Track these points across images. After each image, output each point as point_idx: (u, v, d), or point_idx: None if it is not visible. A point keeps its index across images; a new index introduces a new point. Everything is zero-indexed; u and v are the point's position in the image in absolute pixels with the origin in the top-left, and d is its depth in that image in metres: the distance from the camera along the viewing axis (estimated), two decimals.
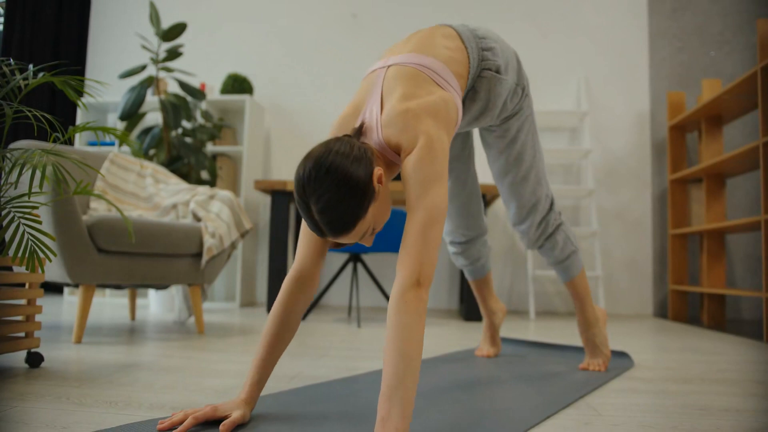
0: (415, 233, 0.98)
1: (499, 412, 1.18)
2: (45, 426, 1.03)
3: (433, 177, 1.01)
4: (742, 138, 3.83)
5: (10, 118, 1.49)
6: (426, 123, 1.05)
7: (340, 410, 1.17)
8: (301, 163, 1.00)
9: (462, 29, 1.32)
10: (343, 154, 0.97)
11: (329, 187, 0.95)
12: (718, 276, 3.26)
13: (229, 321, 2.91)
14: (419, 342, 0.93)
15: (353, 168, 0.97)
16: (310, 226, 1.00)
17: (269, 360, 1.12)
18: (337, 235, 0.99)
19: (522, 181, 1.53)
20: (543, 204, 1.58)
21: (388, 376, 0.90)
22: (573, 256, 1.67)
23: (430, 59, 1.18)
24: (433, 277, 0.99)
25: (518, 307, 3.97)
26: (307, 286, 1.14)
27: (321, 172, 0.95)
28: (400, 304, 0.94)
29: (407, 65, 1.16)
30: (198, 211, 2.46)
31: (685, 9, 3.98)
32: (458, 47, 1.27)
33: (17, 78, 1.53)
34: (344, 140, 1.02)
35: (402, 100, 1.09)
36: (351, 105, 1.18)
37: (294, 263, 1.16)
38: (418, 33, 1.29)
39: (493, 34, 1.37)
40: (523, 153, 1.49)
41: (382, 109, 1.11)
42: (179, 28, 3.30)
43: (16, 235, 1.38)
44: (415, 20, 4.20)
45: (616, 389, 1.47)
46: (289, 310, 1.13)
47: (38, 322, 1.59)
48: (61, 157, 1.45)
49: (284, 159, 4.28)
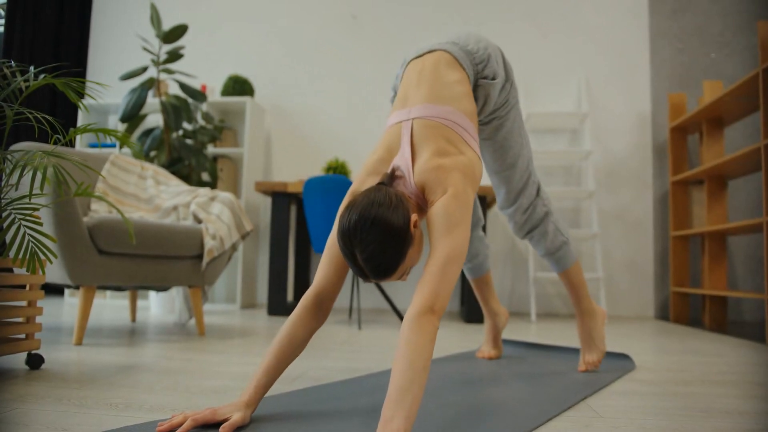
0: (436, 266, 1.06)
1: (499, 413, 1.18)
2: (45, 428, 1.03)
3: (458, 221, 1.11)
4: (744, 140, 3.83)
5: (10, 120, 1.49)
6: (456, 177, 1.16)
7: (341, 412, 1.17)
8: (344, 213, 1.08)
9: (457, 53, 1.38)
10: (384, 205, 1.06)
11: (374, 238, 1.04)
12: (720, 278, 3.26)
13: (230, 323, 2.91)
14: (427, 360, 0.97)
15: (393, 218, 1.06)
16: (355, 271, 1.09)
17: (276, 368, 1.13)
18: (380, 279, 1.09)
19: (510, 167, 1.58)
20: (530, 189, 1.63)
21: (395, 383, 0.93)
22: (565, 247, 1.69)
23: (450, 109, 1.26)
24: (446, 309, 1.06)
25: (519, 309, 3.97)
26: (324, 307, 1.20)
27: (366, 224, 1.04)
28: (414, 324, 1.00)
29: (432, 119, 1.24)
30: (199, 213, 2.46)
31: (685, 10, 3.98)
32: (462, 77, 1.35)
33: (18, 80, 1.53)
34: (382, 190, 1.10)
35: (435, 156, 1.19)
36: (381, 151, 1.26)
37: (314, 282, 1.21)
38: (425, 72, 1.34)
39: (478, 39, 1.43)
40: (510, 139, 1.55)
41: (414, 158, 1.21)
42: (180, 29, 3.30)
43: (16, 237, 1.38)
44: (415, 20, 4.20)
45: (617, 391, 1.47)
46: (302, 327, 1.17)
47: (39, 323, 1.59)
48: (61, 158, 1.45)
49: (285, 160, 4.28)
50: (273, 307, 3.34)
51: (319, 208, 2.91)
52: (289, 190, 3.36)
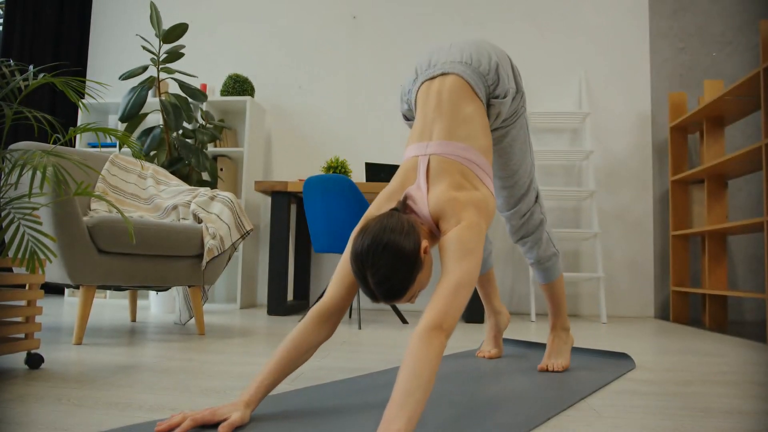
0: (448, 288, 1.08)
1: (499, 412, 1.18)
2: (45, 427, 1.03)
3: (471, 250, 1.14)
4: (744, 139, 3.82)
5: (10, 119, 1.49)
6: (470, 211, 1.20)
7: (341, 411, 1.17)
8: (358, 236, 1.12)
9: (471, 78, 1.39)
10: (396, 231, 1.10)
11: (385, 263, 1.08)
12: (720, 277, 3.25)
13: (230, 322, 2.91)
14: (432, 372, 0.97)
15: (405, 243, 1.09)
16: (366, 292, 1.13)
17: (279, 370, 1.13)
18: (389, 301, 1.13)
19: (513, 173, 1.61)
20: (530, 195, 1.65)
21: (399, 387, 0.94)
22: (554, 258, 1.72)
23: (466, 146, 1.29)
24: (454, 330, 1.08)
25: (519, 309, 3.97)
26: (331, 321, 1.21)
27: (378, 249, 1.08)
28: (423, 338, 1.01)
29: (449, 157, 1.27)
30: (199, 213, 2.46)
31: (686, 9, 3.98)
32: (477, 107, 1.37)
33: (17, 79, 1.53)
34: (395, 216, 1.14)
35: (450, 188, 1.23)
36: (399, 180, 1.30)
37: (325, 295, 1.23)
38: (443, 105, 1.35)
39: (488, 55, 1.42)
40: (515, 146, 1.57)
41: (429, 187, 1.25)
42: (180, 29, 3.30)
43: (16, 236, 1.38)
44: (415, 20, 4.20)
45: (618, 391, 1.47)
46: (308, 336, 1.18)
47: (38, 323, 1.59)
48: (61, 158, 1.44)
49: (285, 160, 4.28)
50: (273, 306, 3.34)
51: (319, 207, 2.91)
52: (289, 190, 3.36)
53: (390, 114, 4.17)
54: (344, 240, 2.87)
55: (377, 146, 4.17)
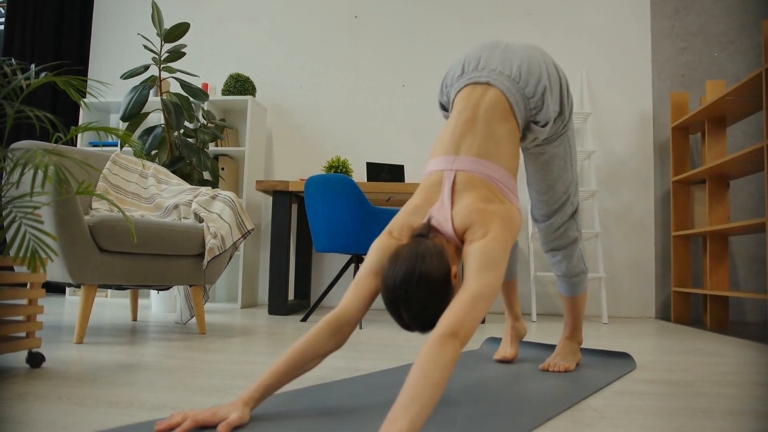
0: (467, 298, 1.07)
1: (500, 413, 1.18)
2: (46, 426, 1.03)
3: (494, 262, 1.13)
4: (746, 139, 3.82)
5: (11, 118, 1.49)
6: (496, 223, 1.19)
7: (341, 411, 1.17)
8: (389, 268, 1.12)
9: (513, 98, 1.36)
10: (427, 261, 1.11)
11: (419, 297, 1.09)
12: (721, 278, 3.25)
13: (231, 322, 2.91)
14: (443, 377, 0.95)
15: (435, 272, 1.10)
16: (400, 324, 1.14)
17: (284, 372, 1.11)
18: (425, 332, 1.14)
19: (549, 188, 1.59)
20: (566, 210, 1.63)
21: (406, 389, 0.92)
22: (582, 275, 1.73)
23: (495, 166, 1.28)
24: (469, 340, 1.07)
25: (520, 309, 3.96)
26: (343, 332, 1.19)
27: (411, 284, 1.09)
28: (437, 343, 0.99)
29: (476, 175, 1.27)
30: (200, 212, 2.46)
31: (687, 9, 3.98)
32: (512, 128, 1.35)
33: (19, 78, 1.53)
34: (423, 243, 1.14)
35: (478, 200, 1.23)
36: (420, 198, 1.29)
37: (339, 305, 1.21)
38: (478, 122, 1.33)
39: (538, 76, 1.39)
40: (552, 163, 1.56)
41: (453, 203, 1.24)
42: (182, 28, 3.30)
43: (17, 235, 1.38)
44: (415, 20, 4.20)
45: (619, 391, 1.47)
46: (317, 343, 1.15)
47: (39, 322, 1.59)
48: (62, 157, 1.44)
49: (286, 159, 4.28)
50: (274, 306, 3.34)
51: (320, 207, 2.91)
52: (290, 189, 3.36)
53: (391, 114, 4.17)
54: (345, 240, 2.87)
55: (378, 146, 4.16)
